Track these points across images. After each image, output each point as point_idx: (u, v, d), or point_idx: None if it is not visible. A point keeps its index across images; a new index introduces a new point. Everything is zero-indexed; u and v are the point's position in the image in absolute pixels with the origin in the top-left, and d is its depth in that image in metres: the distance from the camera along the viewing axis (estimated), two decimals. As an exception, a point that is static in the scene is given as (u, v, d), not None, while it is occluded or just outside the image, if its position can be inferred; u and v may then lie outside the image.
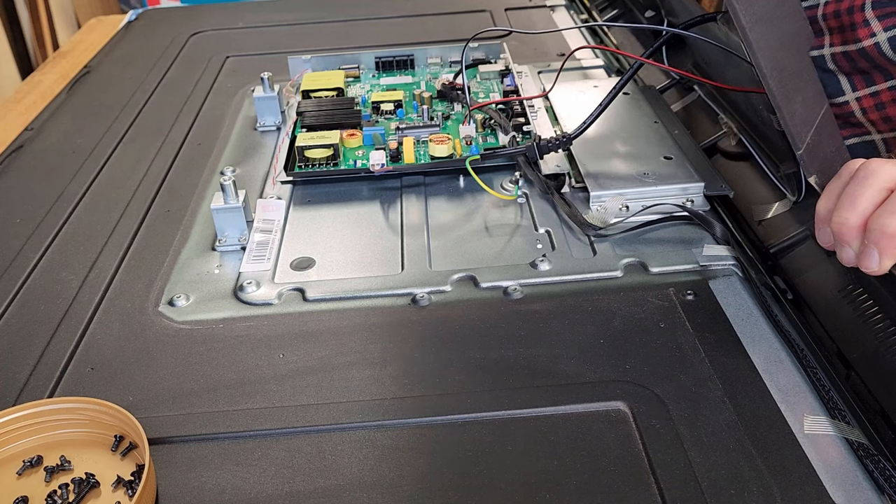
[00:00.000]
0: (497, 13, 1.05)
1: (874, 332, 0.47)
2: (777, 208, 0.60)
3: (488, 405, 0.44)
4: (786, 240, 0.57)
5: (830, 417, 0.43)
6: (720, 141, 0.70)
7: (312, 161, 0.67)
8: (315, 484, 0.40)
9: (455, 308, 0.52)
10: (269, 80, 0.76)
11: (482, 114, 0.71)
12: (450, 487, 0.40)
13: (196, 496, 0.40)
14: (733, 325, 0.49)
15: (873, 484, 0.39)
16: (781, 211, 0.59)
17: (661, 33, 0.64)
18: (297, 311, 0.53)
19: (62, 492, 0.41)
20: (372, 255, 0.58)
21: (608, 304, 0.51)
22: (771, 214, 0.60)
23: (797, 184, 0.57)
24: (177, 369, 0.49)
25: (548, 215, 0.61)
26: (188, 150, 0.75)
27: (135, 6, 1.84)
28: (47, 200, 0.68)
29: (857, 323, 0.49)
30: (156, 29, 1.08)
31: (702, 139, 0.71)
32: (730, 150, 0.68)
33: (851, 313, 0.49)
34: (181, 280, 0.56)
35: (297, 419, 0.44)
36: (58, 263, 0.60)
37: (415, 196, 0.65)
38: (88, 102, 0.87)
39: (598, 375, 0.46)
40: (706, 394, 0.44)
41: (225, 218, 0.59)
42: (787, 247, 0.57)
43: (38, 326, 0.53)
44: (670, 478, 0.39)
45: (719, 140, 0.70)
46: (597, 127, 0.64)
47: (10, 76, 1.91)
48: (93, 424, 0.44)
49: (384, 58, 0.84)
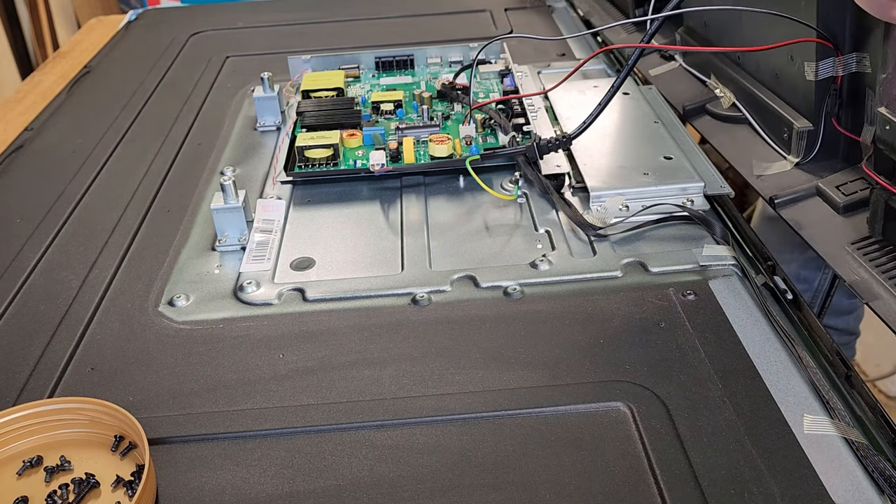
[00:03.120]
0: (497, 13, 1.05)
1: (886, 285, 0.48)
2: (776, 167, 0.60)
3: (488, 405, 0.44)
4: (791, 193, 0.58)
5: (830, 417, 0.43)
6: (709, 104, 0.71)
7: (312, 161, 0.67)
8: (315, 484, 0.40)
9: (455, 308, 0.52)
10: (269, 80, 0.76)
11: (482, 114, 0.71)
12: (450, 487, 0.40)
13: (196, 496, 0.40)
14: (733, 325, 0.49)
15: (873, 484, 0.39)
16: (781, 170, 0.60)
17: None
18: (296, 311, 0.53)
19: (62, 492, 0.41)
20: (372, 255, 0.58)
21: (608, 304, 0.51)
22: (770, 173, 0.60)
23: (806, 143, 0.58)
24: (177, 369, 0.49)
25: (548, 215, 0.61)
26: (188, 150, 0.75)
27: (135, 6, 1.84)
28: (47, 200, 0.68)
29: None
30: (156, 29, 1.08)
31: (689, 102, 0.72)
32: (721, 112, 0.69)
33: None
34: (181, 280, 0.56)
35: (297, 419, 0.44)
36: (58, 263, 0.60)
37: (415, 196, 0.65)
38: (88, 102, 0.87)
39: (598, 375, 0.46)
40: (706, 394, 0.44)
41: (225, 218, 0.59)
42: (791, 199, 0.58)
43: (38, 326, 0.53)
44: (670, 478, 0.39)
45: (708, 103, 0.71)
46: (597, 127, 0.64)
47: (10, 76, 1.91)
48: (93, 424, 0.44)
49: (384, 58, 0.84)
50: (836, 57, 0.56)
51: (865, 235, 0.53)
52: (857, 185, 0.56)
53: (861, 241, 0.52)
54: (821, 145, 0.59)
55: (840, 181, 0.57)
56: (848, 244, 0.52)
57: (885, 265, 0.50)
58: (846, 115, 0.58)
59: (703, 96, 0.73)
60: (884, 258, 0.50)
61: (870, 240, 0.52)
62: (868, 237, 0.52)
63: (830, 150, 0.59)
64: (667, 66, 0.80)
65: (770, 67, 0.63)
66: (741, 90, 0.68)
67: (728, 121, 0.69)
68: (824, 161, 0.60)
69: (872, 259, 0.51)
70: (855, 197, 0.56)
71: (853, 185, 0.56)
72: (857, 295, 0.49)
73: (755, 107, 0.66)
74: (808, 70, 0.56)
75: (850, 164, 0.59)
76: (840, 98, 0.57)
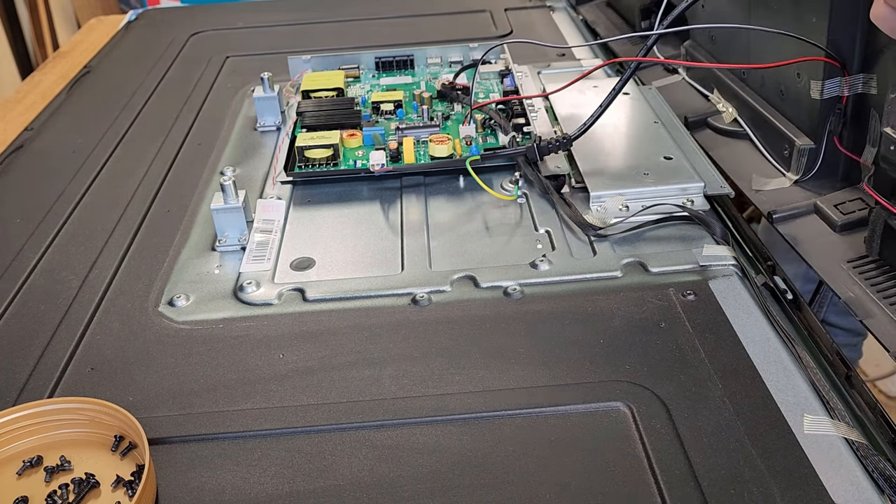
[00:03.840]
0: (497, 13, 1.05)
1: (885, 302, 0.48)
2: (775, 184, 0.61)
3: (488, 405, 0.44)
4: (789, 209, 0.58)
5: (830, 417, 0.43)
6: (711, 117, 0.71)
7: (312, 161, 0.67)
8: (315, 484, 0.40)
9: (455, 308, 0.52)
10: (269, 80, 0.76)
11: (482, 114, 0.71)
12: (450, 487, 0.40)
13: (196, 496, 0.40)
14: (733, 325, 0.49)
15: (873, 484, 0.39)
16: (780, 187, 0.60)
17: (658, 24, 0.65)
18: (296, 312, 0.53)
19: (62, 492, 0.41)
20: (372, 255, 0.58)
21: (608, 305, 0.51)
22: (769, 189, 0.61)
23: (807, 161, 0.58)
24: (177, 369, 0.49)
25: (548, 215, 0.61)
26: (188, 150, 0.75)
27: (135, 6, 1.84)
28: (47, 200, 0.68)
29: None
30: (156, 29, 1.08)
31: (691, 114, 0.73)
32: (723, 126, 0.69)
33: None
34: (181, 280, 0.56)
35: (297, 419, 0.44)
36: (58, 263, 0.60)
37: (415, 196, 0.65)
38: (88, 102, 0.87)
39: (598, 375, 0.46)
40: (706, 394, 0.44)
41: (225, 218, 0.59)
42: (789, 215, 0.58)
43: (38, 326, 0.53)
44: (670, 478, 0.39)
45: (710, 116, 0.71)
46: (597, 127, 0.64)
47: (10, 76, 1.91)
48: (93, 424, 0.44)
49: (384, 58, 0.84)
50: (844, 77, 0.56)
51: (862, 254, 0.53)
52: (856, 205, 0.57)
53: (857, 259, 0.53)
54: (821, 164, 0.59)
55: (838, 200, 0.58)
56: (844, 262, 0.53)
57: (881, 284, 0.50)
58: (848, 135, 0.58)
59: (705, 110, 0.73)
60: (880, 277, 0.51)
61: (866, 258, 0.52)
62: (864, 256, 0.53)
63: (830, 168, 0.60)
64: (670, 78, 0.80)
65: (775, 83, 0.63)
66: (744, 105, 0.68)
67: (729, 135, 0.69)
68: (823, 179, 0.60)
69: (868, 278, 0.51)
70: (853, 216, 0.56)
71: (851, 205, 0.57)
72: (850, 312, 0.50)
73: (757, 122, 0.66)
74: (813, 88, 0.57)
75: (849, 183, 0.59)
76: (844, 118, 0.57)
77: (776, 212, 0.58)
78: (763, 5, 0.63)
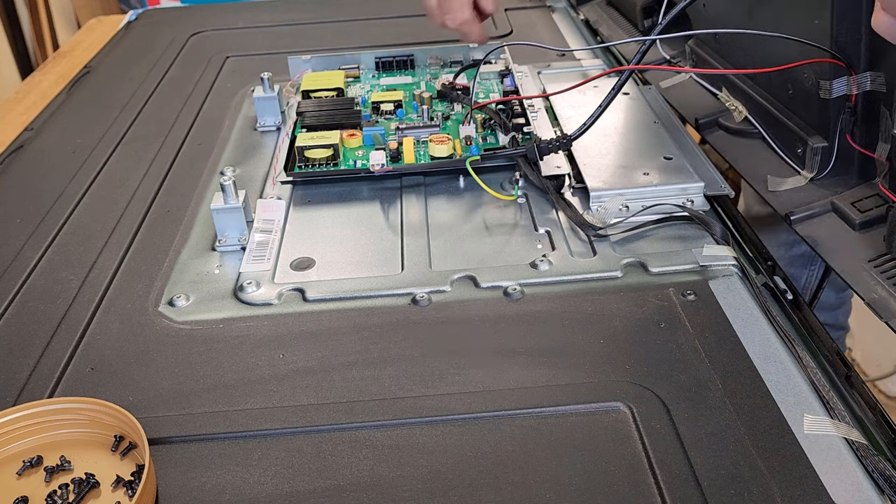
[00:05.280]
0: (497, 13, 1.05)
1: None
2: (791, 183, 0.60)
3: (488, 405, 0.44)
4: (806, 210, 0.58)
5: (830, 417, 0.43)
6: (721, 117, 0.70)
7: (312, 161, 0.67)
8: (315, 484, 0.40)
9: (455, 308, 0.52)
10: (269, 81, 0.76)
11: (482, 114, 0.71)
12: (450, 487, 0.40)
13: (196, 496, 0.40)
14: (733, 325, 0.49)
15: (873, 484, 0.39)
16: (795, 185, 0.60)
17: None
18: (297, 312, 0.53)
19: (62, 492, 0.41)
20: (372, 255, 0.58)
21: (608, 305, 0.51)
22: (785, 188, 0.60)
23: (822, 159, 0.58)
24: (177, 369, 0.49)
25: (548, 215, 0.61)
26: (188, 150, 0.75)
27: (135, 6, 1.84)
28: (47, 200, 0.68)
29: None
30: (156, 29, 1.08)
31: (701, 115, 0.72)
32: (734, 126, 0.69)
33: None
34: (181, 280, 0.56)
35: (297, 419, 0.44)
36: (58, 263, 0.60)
37: (415, 196, 0.65)
38: (88, 102, 0.87)
39: (598, 375, 0.46)
40: (706, 394, 0.44)
41: (225, 218, 0.59)
42: (807, 216, 0.58)
43: (38, 326, 0.53)
44: (670, 478, 0.39)
45: (720, 116, 0.71)
46: (597, 127, 0.64)
47: (10, 76, 1.91)
48: (93, 424, 0.44)
49: (384, 58, 0.84)
50: (851, 76, 0.56)
51: (882, 253, 0.52)
52: (873, 202, 0.56)
53: (878, 258, 0.52)
54: (835, 161, 0.59)
55: (855, 197, 0.57)
56: (865, 262, 0.52)
57: None
58: (861, 132, 0.57)
59: (714, 108, 0.72)
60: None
61: (886, 257, 0.52)
62: (885, 254, 0.52)
63: (845, 165, 0.59)
64: (677, 77, 0.80)
65: (783, 82, 0.63)
66: (754, 104, 0.67)
67: (741, 135, 0.68)
68: (839, 177, 0.59)
69: (890, 277, 0.50)
70: (871, 214, 0.55)
71: (869, 202, 0.56)
72: (875, 313, 0.49)
73: (768, 121, 0.65)
74: (821, 87, 0.56)
75: (865, 179, 0.58)
76: (855, 115, 0.57)
77: (793, 213, 0.58)
78: (765, 5, 0.63)
